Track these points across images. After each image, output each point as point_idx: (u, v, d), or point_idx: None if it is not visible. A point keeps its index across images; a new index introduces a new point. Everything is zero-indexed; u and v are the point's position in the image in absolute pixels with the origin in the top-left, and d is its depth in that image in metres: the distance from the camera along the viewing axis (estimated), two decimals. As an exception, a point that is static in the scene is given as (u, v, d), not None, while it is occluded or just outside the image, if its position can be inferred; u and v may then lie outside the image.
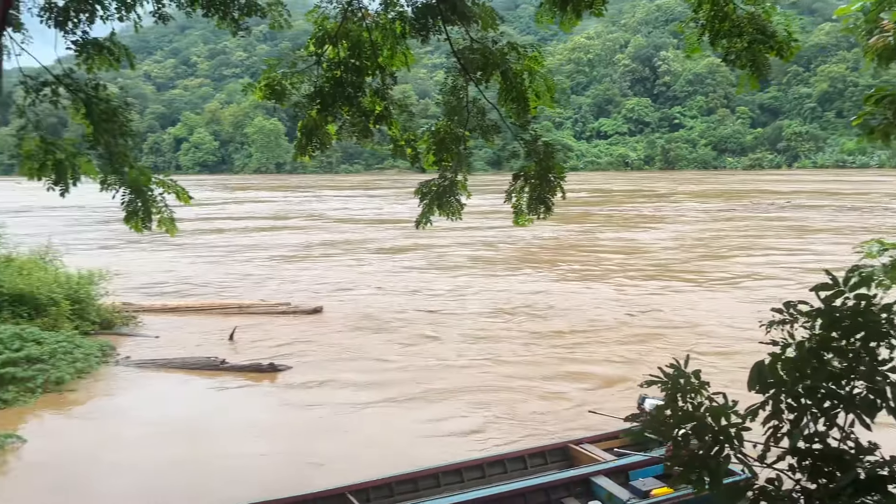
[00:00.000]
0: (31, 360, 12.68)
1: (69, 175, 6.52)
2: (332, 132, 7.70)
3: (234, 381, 13.53)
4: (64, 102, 6.70)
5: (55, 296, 15.18)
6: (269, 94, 7.52)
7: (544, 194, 7.16)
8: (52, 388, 12.45)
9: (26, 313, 14.63)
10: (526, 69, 7.04)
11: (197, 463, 9.86)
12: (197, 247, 33.41)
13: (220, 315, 18.95)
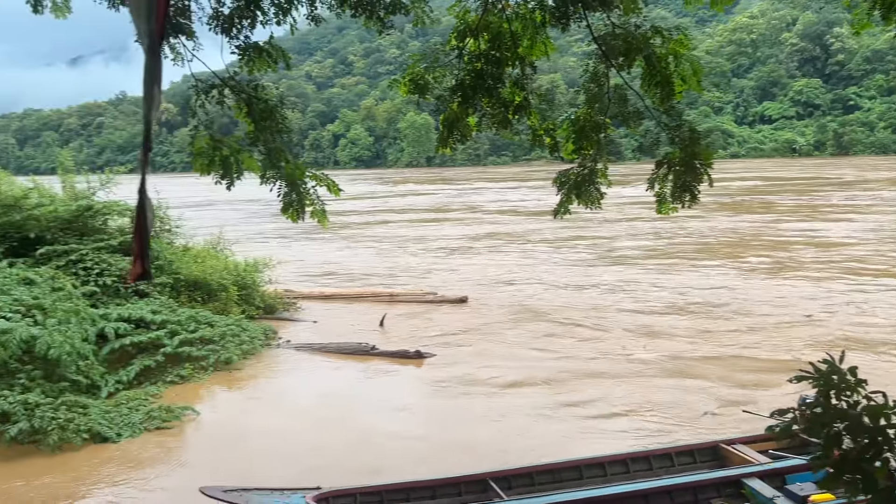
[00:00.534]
0: (205, 341, 13.91)
1: (234, 170, 7.08)
2: (472, 124, 7.81)
3: (383, 366, 14.12)
4: (229, 103, 7.27)
5: (225, 282, 16.52)
6: (412, 88, 7.74)
7: (689, 182, 6.88)
8: (222, 367, 13.59)
9: (200, 298, 16.04)
10: (671, 52, 6.79)
11: (350, 439, 10.41)
12: (363, 238, 34.97)
13: (372, 302, 19.80)
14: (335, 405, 12.03)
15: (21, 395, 10.20)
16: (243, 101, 6.99)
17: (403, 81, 7.81)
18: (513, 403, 11.74)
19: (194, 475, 9.03)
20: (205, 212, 43.66)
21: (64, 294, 12.72)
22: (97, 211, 16.43)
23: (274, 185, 7.15)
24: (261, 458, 9.93)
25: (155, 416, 11.03)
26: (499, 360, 14.03)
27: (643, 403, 11.50)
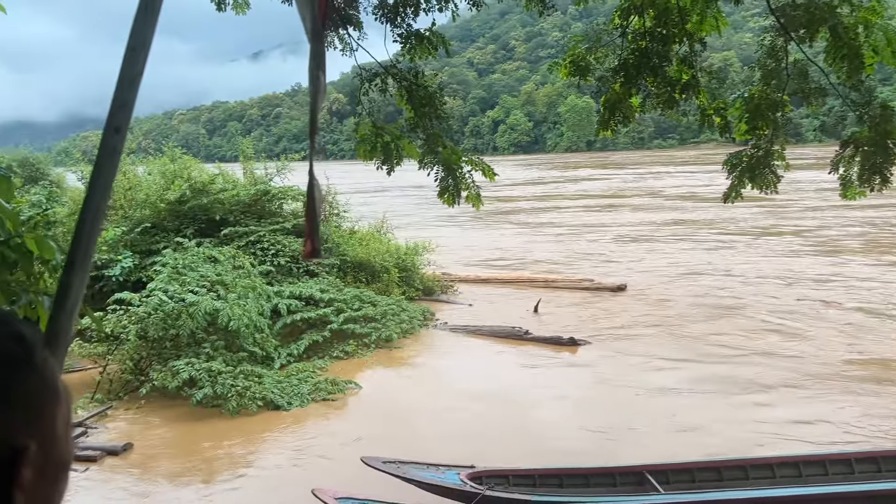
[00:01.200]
0: (367, 319, 14.55)
1: (394, 156, 7.31)
2: (635, 105, 7.53)
3: (535, 351, 14.08)
4: (392, 91, 7.50)
5: (387, 264, 17.20)
6: (573, 70, 7.59)
7: (880, 163, 6.22)
8: (383, 345, 14.16)
9: (364, 278, 16.81)
10: (861, 22, 6.15)
11: (502, 421, 10.51)
12: (535, 225, 34.67)
13: (528, 287, 19.78)
14: (488, 387, 12.16)
15: (206, 363, 11.21)
16: (404, 88, 7.18)
17: (564, 64, 7.67)
18: (668, 396, 11.29)
19: (356, 445, 9.50)
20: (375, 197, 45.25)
21: (243, 272, 13.79)
22: (273, 195, 17.64)
23: (431, 170, 7.29)
24: (417, 433, 10.26)
25: (321, 388, 11.70)
26: (663, 353, 13.54)
27: (833, 412, 10.51)
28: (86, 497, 8.53)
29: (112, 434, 10.28)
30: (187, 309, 11.57)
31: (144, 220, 16.03)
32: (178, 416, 10.79)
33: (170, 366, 11.15)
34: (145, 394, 11.13)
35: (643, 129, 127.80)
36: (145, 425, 10.57)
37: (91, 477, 8.97)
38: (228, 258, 14.12)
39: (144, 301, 11.80)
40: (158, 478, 9.04)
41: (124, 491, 8.74)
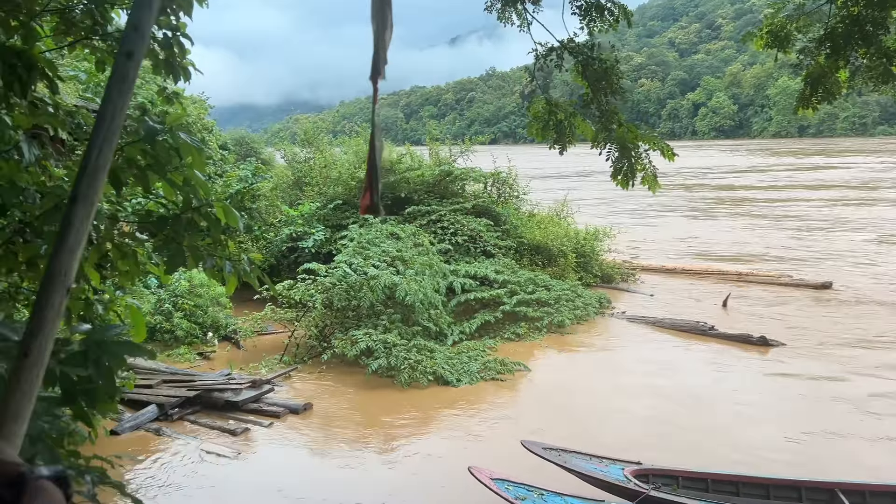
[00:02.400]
0: (540, 303, 14.41)
1: (567, 134, 7.06)
2: (843, 79, 6.68)
3: (721, 348, 13.16)
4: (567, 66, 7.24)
5: (564, 248, 16.89)
6: (770, 41, 6.89)
7: None
8: (555, 330, 13.94)
9: (540, 262, 16.65)
10: None
11: (675, 419, 9.93)
12: (770, 217, 31.82)
13: (717, 280, 18.55)
14: (665, 382, 11.54)
15: (382, 334, 11.68)
16: (580, 63, 6.89)
17: (761, 34, 6.98)
18: (881, 418, 10.03)
19: (518, 428, 9.44)
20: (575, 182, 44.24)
21: (422, 249, 14.19)
22: (456, 176, 17.95)
23: (604, 149, 6.96)
24: (583, 422, 9.98)
25: (490, 368, 11.76)
26: (854, 358, 12.10)
27: None
28: (269, 449, 9.22)
29: (294, 393, 11.03)
30: (368, 282, 12.11)
31: (337, 196, 17.00)
32: (354, 382, 11.35)
33: (350, 335, 11.76)
34: (327, 360, 11.84)
35: (866, 113, 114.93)
36: (324, 389, 11.23)
37: (274, 432, 9.69)
38: (409, 235, 14.58)
39: (330, 272, 12.52)
40: (334, 438, 9.57)
41: (303, 447, 9.35)
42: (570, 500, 6.93)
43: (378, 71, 1.36)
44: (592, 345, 13.84)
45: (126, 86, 1.02)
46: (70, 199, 0.96)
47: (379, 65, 1.36)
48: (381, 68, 1.36)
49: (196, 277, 12.76)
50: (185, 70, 7.03)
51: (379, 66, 1.36)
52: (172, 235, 5.30)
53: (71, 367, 2.05)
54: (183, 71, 7.00)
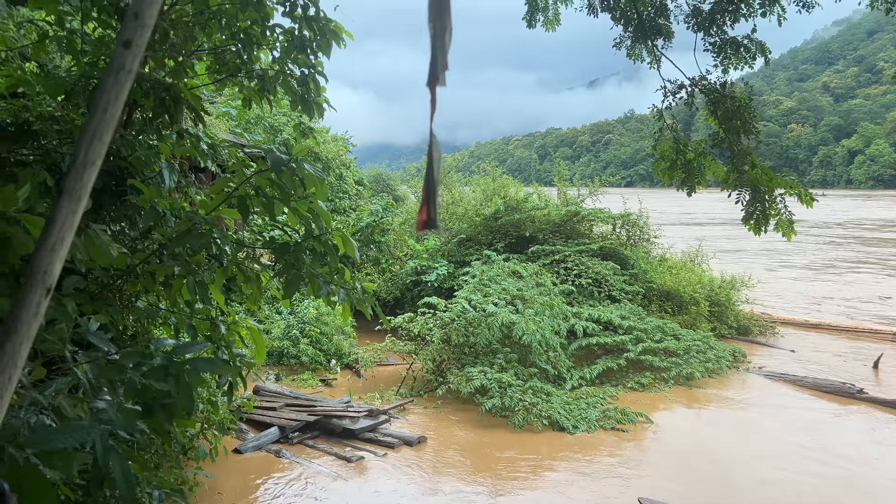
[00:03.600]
0: (668, 353, 13.73)
1: (696, 174, 6.73)
2: None
3: (871, 412, 11.94)
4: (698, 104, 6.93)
5: (697, 296, 16.06)
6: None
7: None
8: (683, 382, 13.20)
9: (670, 309, 15.91)
10: None
11: (816, 490, 9.05)
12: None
13: (870, 339, 16.97)
14: (806, 449, 10.57)
15: (497, 373, 11.52)
16: (711, 100, 6.57)
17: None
18: None
19: (637, 483, 8.95)
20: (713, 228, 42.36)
21: (544, 289, 13.97)
22: (583, 217, 17.64)
23: (735, 191, 6.55)
24: (709, 484, 9.30)
25: (610, 417, 11.28)
26: None
27: None
28: (382, 479, 9.25)
29: (409, 425, 11.06)
30: (486, 319, 12.04)
31: (461, 232, 17.16)
32: (467, 420, 11.23)
33: (465, 371, 11.69)
34: (441, 395, 11.81)
35: None
36: (438, 423, 11.18)
37: (387, 462, 9.72)
38: (531, 274, 14.42)
39: (450, 307, 12.56)
40: (445, 475, 9.47)
41: (416, 481, 9.32)
42: None
43: (436, 77, 1.29)
44: (725, 401, 12.96)
45: (123, 75, 0.97)
46: (56, 194, 0.91)
47: (437, 70, 1.29)
48: (439, 74, 1.29)
49: (323, 306, 13.20)
50: (319, 107, 7.35)
51: (437, 72, 1.29)
52: (293, 262, 5.49)
53: (152, 380, 2.10)
54: (317, 108, 7.32)
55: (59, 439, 1.41)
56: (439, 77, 1.29)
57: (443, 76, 1.29)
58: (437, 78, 1.29)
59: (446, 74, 1.29)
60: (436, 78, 1.29)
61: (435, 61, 1.28)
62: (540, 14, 7.79)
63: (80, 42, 5.17)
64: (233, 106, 15.35)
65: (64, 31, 4.95)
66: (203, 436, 7.40)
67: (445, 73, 1.29)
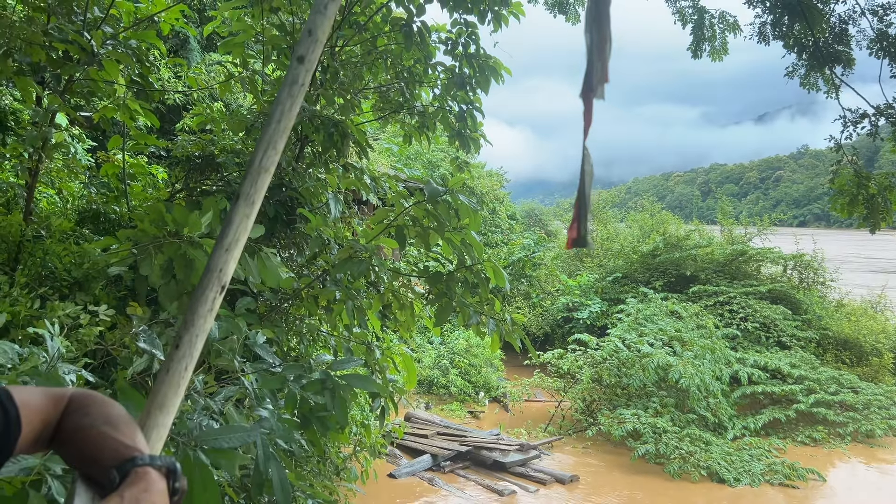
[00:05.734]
0: (845, 406, 12.52)
1: (881, 210, 6.16)
2: None
3: None
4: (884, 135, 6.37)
5: (880, 346, 14.56)
6: None
7: None
8: (861, 440, 11.97)
9: (847, 360, 14.52)
10: None
11: None
12: None
13: None
14: None
15: (652, 417, 11.02)
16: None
17: None
18: None
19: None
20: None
21: (705, 331, 13.24)
22: (750, 256, 16.63)
23: (928, 228, 5.91)
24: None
25: (777, 471, 10.44)
26: None
27: None
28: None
29: (557, 464, 10.80)
30: (641, 359, 11.59)
31: (616, 269, 16.73)
32: (618, 463, 10.81)
33: (617, 413, 11.29)
34: (591, 436, 11.46)
35: None
36: (587, 464, 10.85)
37: (538, 499, 9.56)
38: (691, 315, 13.74)
39: (601, 345, 12.22)
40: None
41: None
42: None
43: (592, 87, 1.25)
44: (914, 462, 11.62)
45: (296, 88, 1.02)
46: (234, 198, 0.98)
47: (593, 80, 1.25)
48: (595, 85, 1.25)
49: (473, 338, 13.31)
50: (476, 142, 7.52)
51: (593, 82, 1.25)
52: (445, 291, 5.60)
53: (310, 392, 2.21)
54: (473, 143, 7.49)
55: (224, 439, 1.52)
56: (596, 89, 1.26)
57: (600, 88, 1.26)
58: (594, 89, 1.26)
59: (604, 87, 1.27)
60: (591, 89, 1.26)
61: (591, 71, 1.25)
62: (706, 43, 7.52)
63: (261, 82, 5.64)
64: (394, 142, 16.04)
65: (247, 72, 5.42)
66: (356, 458, 7.64)
67: (604, 85, 1.26)
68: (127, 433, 0.75)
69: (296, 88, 1.07)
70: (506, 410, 13.25)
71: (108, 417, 0.76)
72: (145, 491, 0.69)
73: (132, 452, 0.72)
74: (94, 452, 0.74)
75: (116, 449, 0.73)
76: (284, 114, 1.03)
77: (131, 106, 5.53)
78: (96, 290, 4.26)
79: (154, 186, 6.76)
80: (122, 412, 0.78)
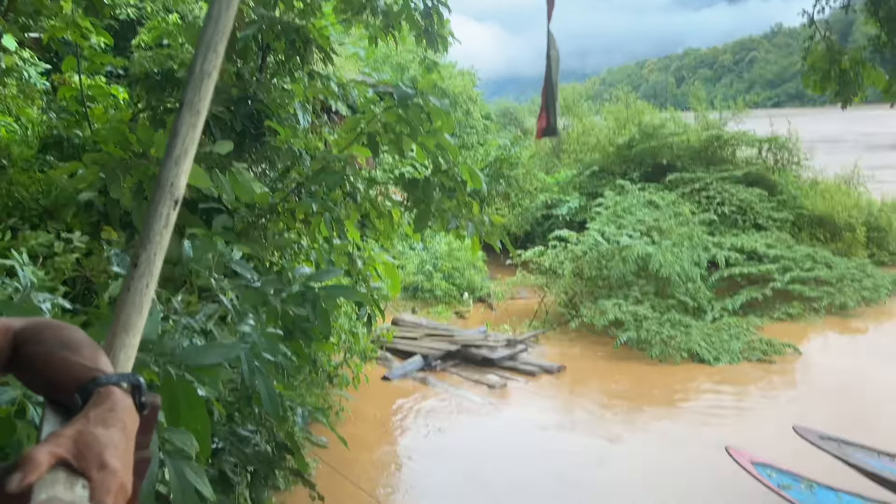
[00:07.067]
0: (819, 282, 12.89)
1: (854, 85, 6.13)
2: None
3: None
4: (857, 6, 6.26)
5: (853, 221, 14.86)
6: None
7: None
8: (836, 312, 12.41)
9: (822, 236, 14.85)
10: None
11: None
12: None
13: None
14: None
15: (633, 306, 11.29)
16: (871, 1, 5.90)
17: None
18: None
19: (784, 415, 8.54)
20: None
21: (682, 219, 13.41)
22: (725, 141, 16.64)
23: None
24: (866, 415, 8.73)
25: (755, 348, 10.84)
26: None
27: None
28: (525, 404, 9.46)
29: (545, 356, 11.12)
30: (620, 251, 11.76)
31: (593, 163, 16.70)
32: (603, 352, 11.14)
33: (599, 304, 11.54)
34: (574, 328, 11.75)
35: None
36: (573, 355, 11.17)
37: (530, 389, 9.92)
38: (669, 204, 13.87)
39: (581, 240, 12.36)
40: (588, 402, 9.56)
41: (558, 407, 9.49)
42: (845, 496, 6.12)
43: None
44: (883, 330, 12.10)
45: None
46: (178, 107, 0.93)
47: None
48: None
49: (454, 242, 13.38)
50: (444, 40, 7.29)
51: None
52: (422, 196, 5.57)
53: (291, 305, 2.22)
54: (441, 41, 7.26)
55: (206, 356, 1.54)
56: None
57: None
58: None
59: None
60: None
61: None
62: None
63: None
64: (360, 46, 15.57)
65: (199, -20, 5.16)
66: (347, 365, 7.82)
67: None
68: (87, 355, 0.74)
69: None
70: (491, 309, 13.51)
71: (65, 341, 0.75)
72: (111, 410, 0.68)
73: (93, 373, 0.71)
74: (54, 378, 0.73)
75: (76, 372, 0.72)
76: (223, 12, 0.95)
77: (81, 24, 5.28)
78: (67, 218, 4.20)
79: (116, 107, 6.55)
80: (80, 335, 0.77)
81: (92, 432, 0.65)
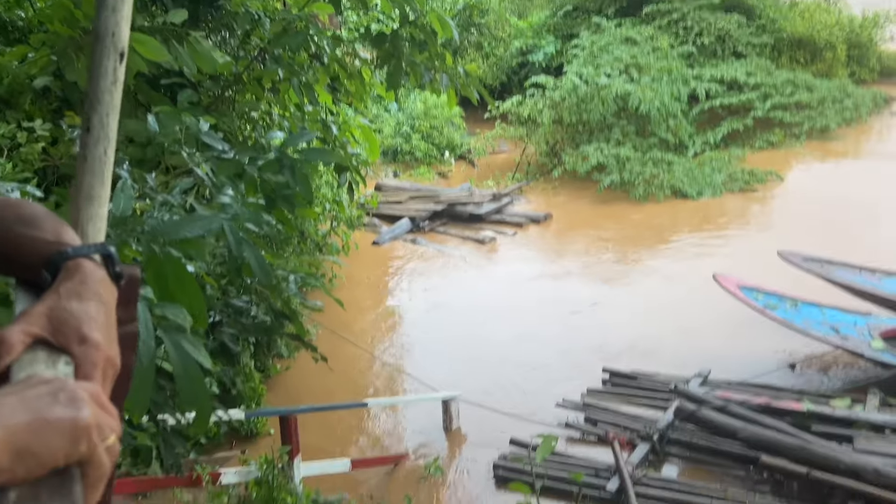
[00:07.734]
0: (800, 106, 12.80)
1: None
2: None
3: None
4: None
5: (833, 39, 14.51)
6: None
7: None
8: (817, 136, 12.42)
9: (802, 59, 14.55)
10: None
11: None
12: None
13: None
14: None
15: (614, 148, 11.23)
16: None
17: None
18: None
19: (769, 240, 8.72)
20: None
21: (661, 53, 13.05)
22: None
23: None
24: (850, 235, 8.83)
25: (737, 179, 10.95)
26: None
27: None
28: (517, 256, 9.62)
29: (531, 207, 11.18)
30: (599, 92, 11.53)
31: (567, 1, 15.96)
32: (587, 197, 11.20)
33: (580, 150, 11.46)
34: (558, 176, 11.73)
35: None
36: (558, 203, 11.24)
37: (518, 240, 10.05)
38: (646, 38, 13.45)
39: (559, 85, 12.07)
40: (577, 245, 9.75)
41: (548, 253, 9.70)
42: (828, 310, 6.37)
43: None
44: (864, 150, 12.18)
45: None
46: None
47: None
48: None
49: (430, 99, 13.04)
50: None
51: None
52: (392, 51, 5.33)
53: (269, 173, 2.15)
54: None
55: (187, 228, 1.49)
56: None
57: None
58: None
59: None
60: None
61: None
62: None
63: None
64: None
65: None
66: (335, 233, 7.82)
67: None
68: (48, 229, 0.68)
69: None
70: (472, 166, 13.42)
71: (23, 218, 0.69)
72: (82, 283, 0.64)
73: (57, 248, 0.66)
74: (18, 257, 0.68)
75: (39, 248, 0.67)
76: None
77: None
78: (25, 106, 4.00)
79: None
80: (38, 209, 0.71)
81: (65, 307, 0.61)
